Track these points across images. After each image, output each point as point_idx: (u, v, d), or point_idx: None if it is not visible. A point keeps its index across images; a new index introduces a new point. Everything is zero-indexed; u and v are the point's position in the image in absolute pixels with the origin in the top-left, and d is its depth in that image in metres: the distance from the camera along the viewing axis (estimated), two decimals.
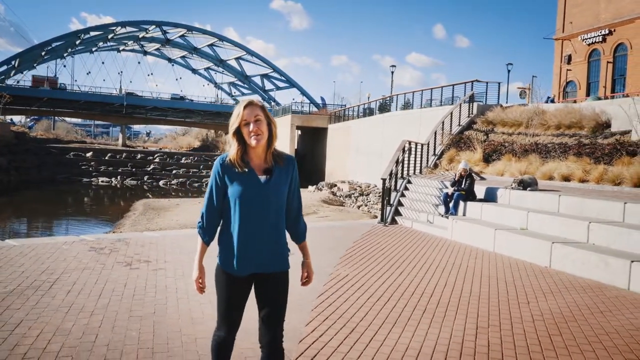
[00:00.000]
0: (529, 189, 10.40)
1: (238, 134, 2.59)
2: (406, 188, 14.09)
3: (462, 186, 11.02)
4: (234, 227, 2.61)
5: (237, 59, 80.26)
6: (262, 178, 2.59)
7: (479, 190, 11.34)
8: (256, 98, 2.71)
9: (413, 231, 11.15)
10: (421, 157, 17.17)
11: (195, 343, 4.00)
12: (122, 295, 5.21)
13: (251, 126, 2.54)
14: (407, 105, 31.28)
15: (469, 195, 10.97)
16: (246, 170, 2.58)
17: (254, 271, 2.62)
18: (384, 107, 34.41)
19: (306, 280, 2.88)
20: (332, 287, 5.91)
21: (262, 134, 2.56)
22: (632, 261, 6.53)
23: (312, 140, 43.31)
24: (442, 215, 11.13)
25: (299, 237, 2.87)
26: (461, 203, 10.94)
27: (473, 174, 11.87)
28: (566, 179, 13.19)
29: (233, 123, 2.59)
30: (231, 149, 2.61)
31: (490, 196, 11.08)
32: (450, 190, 11.21)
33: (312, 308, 5.04)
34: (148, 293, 5.32)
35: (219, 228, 2.72)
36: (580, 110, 17.98)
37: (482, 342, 4.34)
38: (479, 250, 8.94)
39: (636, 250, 7.04)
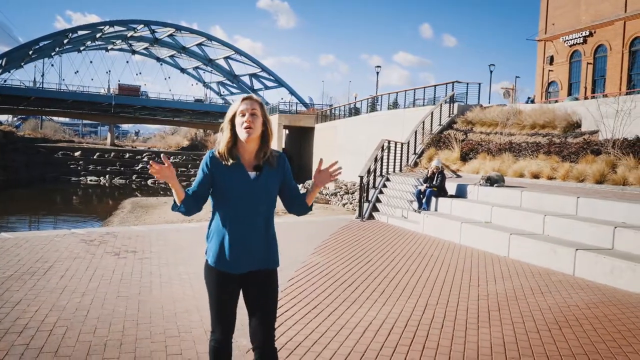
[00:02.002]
0: (495, 185, 11.07)
1: (232, 125, 2.57)
2: (384, 185, 14.71)
3: (434, 183, 11.66)
4: (224, 223, 2.55)
5: (226, 58, 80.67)
6: (252, 174, 2.55)
7: (451, 186, 12.00)
8: (256, 95, 2.68)
9: (388, 226, 11.78)
10: (401, 156, 17.81)
11: (175, 317, 4.58)
12: (111, 279, 5.77)
13: (246, 117, 2.51)
14: (392, 105, 31.98)
15: (441, 192, 11.62)
16: (235, 163, 2.54)
17: (245, 269, 2.57)
18: (370, 107, 35.06)
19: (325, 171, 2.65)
20: (302, 272, 6.50)
21: (255, 128, 2.52)
22: (577, 249, 7.20)
23: (300, 140, 43.88)
24: (416, 211, 11.77)
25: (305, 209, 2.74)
26: (433, 199, 11.58)
27: (444, 172, 12.52)
28: (535, 176, 13.88)
29: (229, 112, 2.58)
30: (222, 139, 2.58)
31: (461, 192, 11.74)
32: (423, 186, 11.84)
33: (282, 290, 5.63)
34: (134, 278, 5.89)
35: (207, 224, 2.67)
36: (553, 111, 18.76)
37: (428, 316, 4.96)
38: (446, 243, 9.57)
39: (583, 239, 7.72)
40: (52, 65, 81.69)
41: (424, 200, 11.62)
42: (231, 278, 2.57)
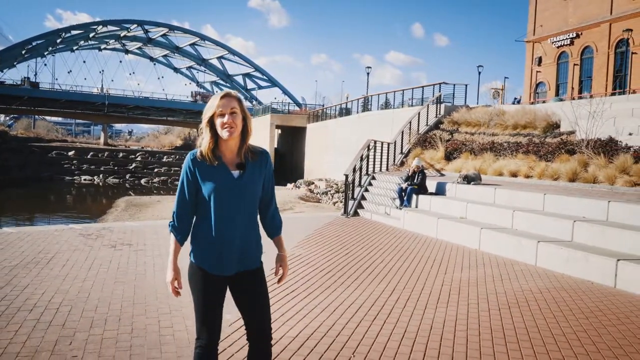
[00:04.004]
0: (472, 183, 11.69)
1: (211, 124, 2.52)
2: (370, 184, 15.32)
3: (415, 181, 12.27)
4: (208, 223, 2.54)
5: (219, 58, 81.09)
6: (235, 173, 2.53)
7: (431, 184, 12.61)
8: (234, 91, 2.63)
9: (371, 222, 12.38)
10: (387, 156, 18.40)
11: (167, 298, 5.14)
12: (109, 268, 6.33)
13: (226, 118, 2.47)
14: (383, 105, 32.61)
15: (421, 189, 12.22)
16: (217, 164, 2.52)
17: (232, 271, 2.58)
18: (361, 107, 35.67)
19: (281, 275, 2.83)
20: None
21: (236, 127, 2.49)
22: (539, 241, 7.82)
23: (292, 139, 44.43)
24: (398, 208, 12.37)
25: (274, 231, 2.80)
26: (414, 196, 12.19)
27: (425, 170, 13.13)
28: (514, 175, 14.52)
29: (207, 112, 2.51)
30: (203, 140, 2.53)
31: (440, 190, 12.36)
32: (404, 184, 12.45)
33: None
34: (130, 266, 6.45)
35: (192, 225, 2.65)
36: (534, 112, 19.41)
37: (393, 298, 5.55)
38: (424, 237, 10.18)
39: (546, 233, 8.34)
40: (45, 64, 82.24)
41: (405, 198, 12.22)
42: (217, 279, 2.57)
